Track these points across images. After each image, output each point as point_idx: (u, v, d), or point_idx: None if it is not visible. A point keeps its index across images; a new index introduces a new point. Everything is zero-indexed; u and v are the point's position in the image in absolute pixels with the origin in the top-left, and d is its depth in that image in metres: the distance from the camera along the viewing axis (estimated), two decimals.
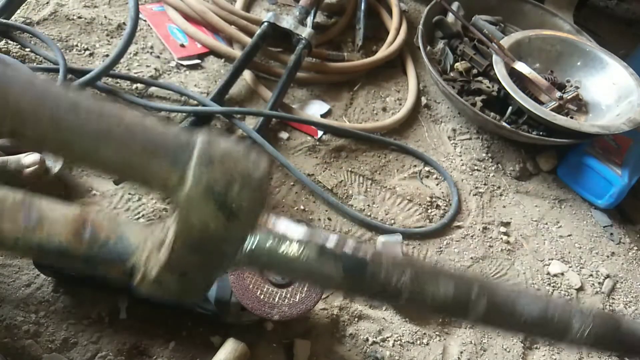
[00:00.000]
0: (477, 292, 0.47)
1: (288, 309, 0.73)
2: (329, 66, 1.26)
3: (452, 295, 0.46)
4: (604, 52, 1.38)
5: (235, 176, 0.38)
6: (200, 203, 0.38)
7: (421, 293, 0.45)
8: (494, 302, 0.47)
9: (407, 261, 0.47)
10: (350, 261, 0.44)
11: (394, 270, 0.45)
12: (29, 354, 0.72)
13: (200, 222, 0.38)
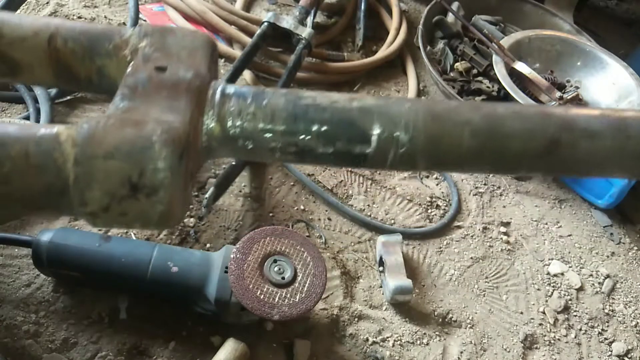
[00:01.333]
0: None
1: (288, 309, 0.73)
2: (329, 66, 1.26)
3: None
4: (604, 52, 1.38)
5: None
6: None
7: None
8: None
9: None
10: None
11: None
12: (29, 354, 0.72)
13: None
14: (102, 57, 0.41)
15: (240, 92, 0.38)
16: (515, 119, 0.37)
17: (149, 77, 0.37)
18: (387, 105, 0.36)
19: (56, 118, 0.96)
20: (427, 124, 0.36)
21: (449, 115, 0.36)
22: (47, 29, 0.39)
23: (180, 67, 0.38)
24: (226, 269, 0.75)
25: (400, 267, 0.94)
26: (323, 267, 0.78)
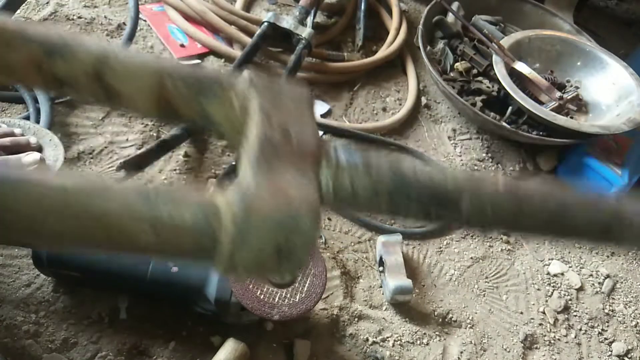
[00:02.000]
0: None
1: (288, 309, 0.73)
2: (329, 66, 1.26)
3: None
4: (604, 52, 1.38)
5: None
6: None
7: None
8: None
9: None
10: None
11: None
12: (29, 354, 0.72)
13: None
14: (208, 101, 0.42)
15: (352, 159, 0.42)
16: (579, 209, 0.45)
17: (278, 142, 0.39)
18: (477, 181, 0.43)
19: (56, 118, 0.96)
20: (509, 207, 0.43)
21: (528, 200, 0.44)
22: (159, 69, 0.41)
23: (302, 133, 0.41)
24: None
25: (400, 267, 0.94)
26: (323, 267, 0.78)
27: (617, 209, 0.46)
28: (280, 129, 0.39)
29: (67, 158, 0.91)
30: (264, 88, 0.42)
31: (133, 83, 0.40)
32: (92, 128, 0.99)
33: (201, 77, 0.42)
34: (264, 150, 0.38)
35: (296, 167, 0.38)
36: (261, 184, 0.36)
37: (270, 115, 0.40)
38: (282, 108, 0.41)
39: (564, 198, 0.45)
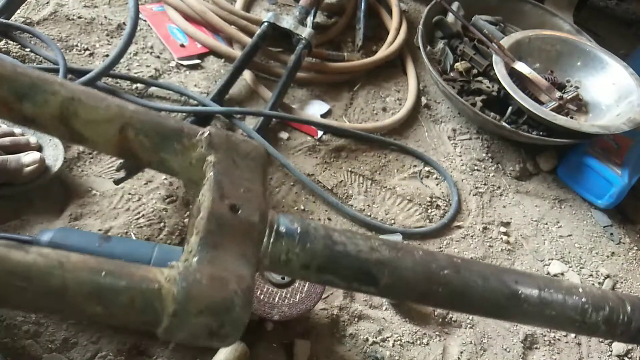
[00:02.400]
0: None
1: (288, 309, 0.73)
2: (329, 66, 1.26)
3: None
4: (604, 52, 1.39)
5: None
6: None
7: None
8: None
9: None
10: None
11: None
12: (29, 354, 0.72)
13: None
14: (168, 154, 0.46)
15: (290, 232, 0.46)
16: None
17: (225, 220, 0.43)
18: (397, 259, 0.48)
19: None
20: (415, 278, 0.49)
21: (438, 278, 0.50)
22: (121, 118, 0.44)
23: (249, 207, 0.45)
24: None
25: None
26: None
27: (515, 290, 0.51)
28: (229, 204, 0.44)
29: (67, 158, 0.91)
30: (221, 149, 0.46)
31: (96, 129, 0.44)
32: None
33: (163, 131, 0.45)
34: (211, 230, 0.42)
35: (238, 246, 0.43)
36: (202, 269, 0.40)
37: (222, 187, 0.44)
38: (236, 174, 0.46)
39: (468, 276, 0.50)
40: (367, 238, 0.49)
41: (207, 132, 0.46)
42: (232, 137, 0.47)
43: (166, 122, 0.45)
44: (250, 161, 0.47)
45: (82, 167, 0.93)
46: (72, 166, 0.92)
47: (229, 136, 0.47)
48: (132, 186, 0.93)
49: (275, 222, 0.46)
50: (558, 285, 0.53)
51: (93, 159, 0.95)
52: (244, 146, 0.48)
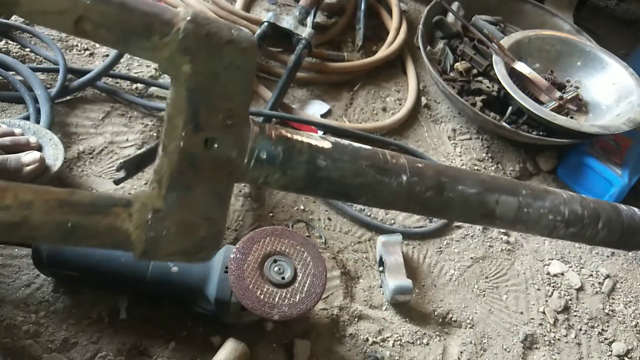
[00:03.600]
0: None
1: (288, 309, 0.73)
2: (329, 66, 1.26)
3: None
4: (604, 52, 1.38)
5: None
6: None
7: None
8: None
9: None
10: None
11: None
12: (29, 354, 0.72)
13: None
14: (137, 49, 0.38)
15: (271, 158, 0.43)
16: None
17: (199, 157, 0.39)
18: (381, 183, 0.47)
19: (56, 118, 0.96)
20: (396, 199, 0.49)
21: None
22: (74, 11, 0.36)
23: (227, 140, 0.40)
24: (226, 269, 0.75)
25: (400, 267, 0.94)
26: (323, 267, 0.78)
27: (492, 210, 0.51)
28: (204, 137, 0.39)
29: (67, 158, 0.91)
30: (200, 55, 0.37)
31: (46, 21, 0.38)
32: (92, 128, 0.99)
33: (128, 26, 0.37)
34: (182, 169, 0.38)
35: (212, 182, 0.40)
36: (172, 215, 0.39)
37: (197, 113, 0.38)
38: (215, 91, 0.38)
39: (450, 198, 0.50)
40: (355, 159, 0.45)
41: (182, 29, 0.36)
42: (215, 37, 0.37)
43: (131, 15, 0.36)
44: (235, 71, 0.39)
45: (82, 167, 0.93)
46: (72, 166, 0.92)
47: (211, 36, 0.37)
48: (132, 186, 0.93)
49: (257, 147, 0.42)
50: (538, 202, 0.53)
51: (93, 159, 0.95)
52: (229, 51, 0.38)
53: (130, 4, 0.35)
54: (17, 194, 0.35)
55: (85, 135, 0.98)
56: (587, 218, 0.53)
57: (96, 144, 0.97)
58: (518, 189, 0.51)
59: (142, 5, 0.36)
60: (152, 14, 0.36)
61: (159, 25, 0.36)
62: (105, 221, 0.37)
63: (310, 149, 0.44)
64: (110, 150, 0.97)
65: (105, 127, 1.00)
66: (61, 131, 0.96)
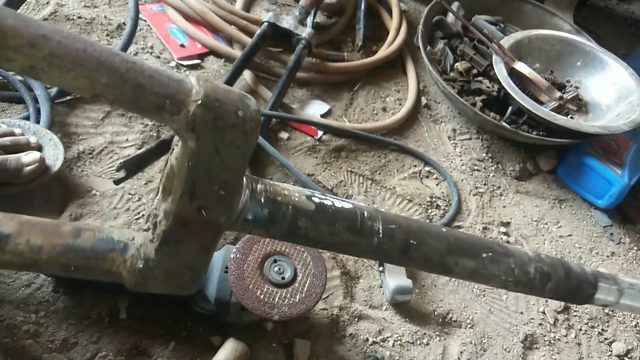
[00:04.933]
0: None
1: (288, 309, 0.73)
2: (329, 66, 1.26)
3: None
4: (604, 52, 1.38)
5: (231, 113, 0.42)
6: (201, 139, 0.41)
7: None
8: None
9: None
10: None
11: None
12: (29, 354, 0.72)
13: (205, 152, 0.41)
14: (150, 118, 0.45)
15: (257, 219, 0.48)
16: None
17: (191, 220, 0.43)
18: (354, 243, 0.52)
19: (56, 118, 0.96)
20: (366, 254, 0.55)
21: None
22: (91, 91, 0.38)
23: (218, 208, 0.44)
24: (226, 269, 0.75)
25: (400, 267, 0.94)
26: (323, 267, 0.78)
27: (450, 268, 0.57)
28: (198, 206, 0.43)
29: (67, 158, 0.91)
30: (205, 135, 0.40)
31: (66, 88, 0.42)
32: (92, 128, 0.99)
33: (141, 105, 0.40)
34: (175, 228, 0.43)
35: (199, 238, 0.45)
36: (160, 265, 0.44)
37: (195, 185, 0.42)
38: (214, 165, 0.42)
39: (416, 256, 0.55)
40: (333, 222, 0.50)
41: (191, 112, 0.39)
42: (221, 121, 0.41)
43: (144, 96, 0.39)
44: (236, 149, 0.42)
45: (82, 167, 0.93)
46: (72, 166, 0.92)
47: (217, 119, 0.40)
48: (132, 186, 0.93)
49: (245, 211, 0.47)
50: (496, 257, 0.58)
51: (93, 159, 0.95)
52: (233, 134, 0.42)
53: (143, 86, 0.38)
54: (29, 240, 0.41)
55: (85, 135, 0.98)
56: (537, 280, 0.60)
57: (96, 144, 0.97)
58: (479, 254, 0.57)
59: (155, 87, 0.38)
60: (165, 95, 0.39)
61: (170, 106, 0.39)
62: (104, 266, 0.44)
63: (295, 212, 0.48)
64: (110, 150, 0.97)
65: (105, 127, 1.00)
66: (61, 131, 0.96)
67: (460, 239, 0.57)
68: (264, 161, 1.06)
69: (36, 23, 0.34)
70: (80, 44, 0.36)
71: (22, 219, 0.42)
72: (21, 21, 0.34)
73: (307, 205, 0.49)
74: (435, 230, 0.56)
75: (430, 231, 0.55)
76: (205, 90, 0.40)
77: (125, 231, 0.45)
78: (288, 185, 0.50)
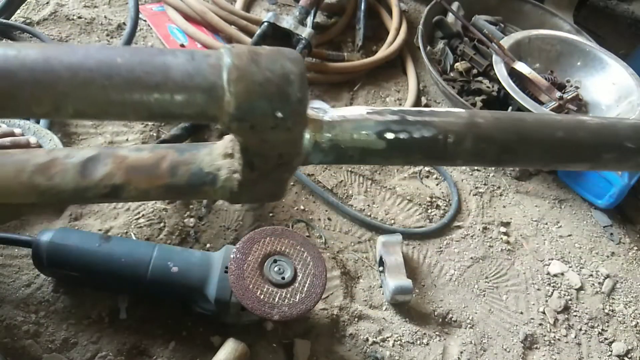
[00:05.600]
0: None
1: (288, 309, 0.73)
2: (329, 66, 1.26)
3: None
4: (604, 52, 1.38)
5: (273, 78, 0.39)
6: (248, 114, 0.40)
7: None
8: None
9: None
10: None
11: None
12: (29, 354, 0.72)
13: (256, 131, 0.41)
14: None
15: (324, 162, 0.48)
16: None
17: (257, 179, 0.47)
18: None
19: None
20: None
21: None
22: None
23: (277, 170, 0.46)
24: (226, 269, 0.75)
25: (400, 267, 0.94)
26: (323, 267, 0.78)
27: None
28: (258, 174, 0.45)
29: None
30: (245, 133, 0.41)
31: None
32: (92, 128, 0.99)
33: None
34: (248, 176, 0.46)
35: (271, 184, 0.47)
36: (244, 193, 0.47)
37: (252, 162, 0.44)
38: (264, 147, 0.42)
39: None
40: (408, 154, 0.48)
41: (225, 127, 0.41)
42: (258, 127, 0.41)
43: (177, 117, 0.41)
44: (285, 134, 0.43)
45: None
46: None
47: (253, 127, 0.41)
48: None
49: (311, 159, 0.47)
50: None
51: None
52: (274, 134, 0.43)
53: (170, 108, 0.39)
54: (137, 187, 0.45)
55: (85, 135, 0.98)
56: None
57: (96, 144, 0.97)
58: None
59: (185, 107, 0.39)
60: (195, 114, 0.40)
61: (205, 119, 0.41)
62: (200, 195, 0.48)
63: (362, 154, 0.47)
64: None
65: (105, 127, 1.00)
66: (61, 131, 0.96)
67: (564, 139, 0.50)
68: None
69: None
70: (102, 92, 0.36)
71: (127, 164, 0.46)
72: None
73: (377, 145, 0.46)
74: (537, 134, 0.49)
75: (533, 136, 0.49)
76: (237, 97, 0.38)
77: (211, 159, 0.47)
78: (362, 120, 0.46)
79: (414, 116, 0.47)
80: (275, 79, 0.39)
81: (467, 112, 0.49)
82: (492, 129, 0.48)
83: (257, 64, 0.39)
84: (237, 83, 0.38)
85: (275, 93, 0.39)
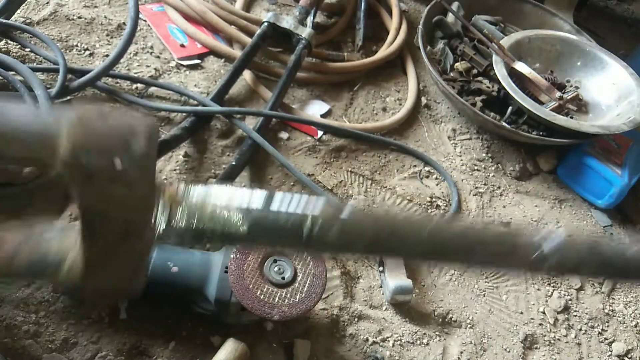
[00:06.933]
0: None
1: (288, 309, 0.73)
2: (329, 66, 1.26)
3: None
4: (604, 52, 1.38)
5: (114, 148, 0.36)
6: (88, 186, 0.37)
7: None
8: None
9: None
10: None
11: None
12: (29, 354, 0.72)
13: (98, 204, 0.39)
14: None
15: (180, 242, 0.49)
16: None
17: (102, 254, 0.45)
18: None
19: None
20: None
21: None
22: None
23: (122, 245, 0.43)
24: (226, 269, 0.75)
25: (400, 267, 0.94)
26: (323, 267, 0.78)
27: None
28: (100, 247, 0.44)
29: None
30: (81, 185, 0.38)
31: None
32: None
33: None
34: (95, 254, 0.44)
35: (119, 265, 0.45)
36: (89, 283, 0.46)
37: (93, 227, 0.42)
38: (107, 207, 0.39)
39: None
40: (270, 235, 0.44)
41: (58, 174, 0.37)
42: (94, 179, 0.37)
43: (7, 161, 0.40)
44: (127, 194, 0.40)
45: None
46: None
47: (90, 177, 0.37)
48: None
49: (165, 237, 0.44)
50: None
51: None
52: (114, 189, 0.39)
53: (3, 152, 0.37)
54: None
55: None
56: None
57: None
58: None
59: (15, 150, 0.37)
60: (27, 158, 0.38)
61: (37, 166, 0.40)
62: (42, 279, 0.47)
63: (222, 237, 0.44)
64: None
65: None
66: None
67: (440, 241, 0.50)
68: (264, 161, 1.06)
69: None
70: None
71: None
72: None
73: (238, 229, 0.43)
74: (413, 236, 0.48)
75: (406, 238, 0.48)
76: (73, 143, 0.35)
77: (65, 243, 0.46)
78: (225, 199, 0.43)
79: (279, 202, 0.44)
80: (118, 129, 0.37)
81: (335, 202, 0.46)
82: (360, 222, 0.46)
83: (102, 116, 0.37)
84: (76, 129, 0.36)
85: (116, 142, 0.36)
